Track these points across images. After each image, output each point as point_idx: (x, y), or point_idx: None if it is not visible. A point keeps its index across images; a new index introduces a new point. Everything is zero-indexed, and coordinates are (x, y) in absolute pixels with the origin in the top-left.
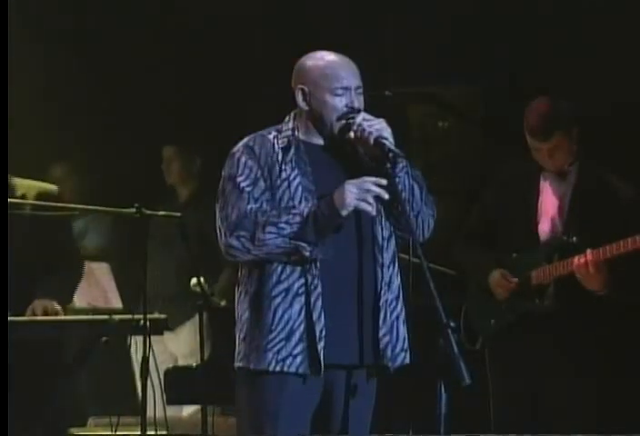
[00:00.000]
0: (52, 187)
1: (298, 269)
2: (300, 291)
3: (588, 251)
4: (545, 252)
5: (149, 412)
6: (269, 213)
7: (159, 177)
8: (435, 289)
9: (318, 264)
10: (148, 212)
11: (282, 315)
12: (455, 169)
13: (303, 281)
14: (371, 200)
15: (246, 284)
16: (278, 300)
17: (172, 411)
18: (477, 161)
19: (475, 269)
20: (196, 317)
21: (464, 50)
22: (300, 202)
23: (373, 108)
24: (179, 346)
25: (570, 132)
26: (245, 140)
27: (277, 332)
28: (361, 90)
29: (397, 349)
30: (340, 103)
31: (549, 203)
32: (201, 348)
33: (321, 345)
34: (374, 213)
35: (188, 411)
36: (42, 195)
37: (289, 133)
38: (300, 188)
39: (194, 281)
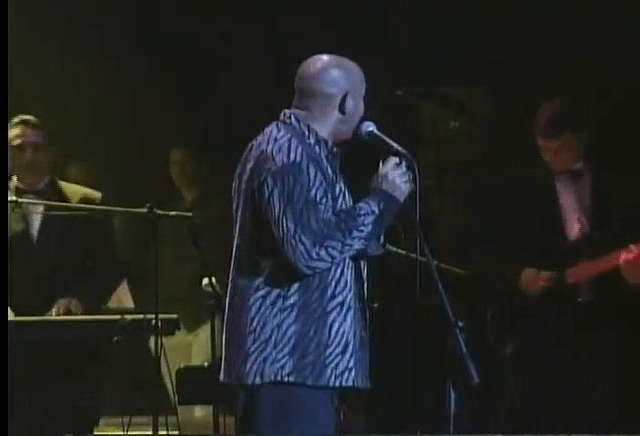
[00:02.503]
0: (96, 194)
1: (349, 282)
2: (351, 304)
3: (632, 245)
4: (576, 250)
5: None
6: (344, 219)
7: (164, 179)
8: (443, 288)
9: (366, 276)
10: (160, 212)
11: (338, 329)
12: (466, 169)
13: (352, 293)
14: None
15: (290, 297)
16: (334, 314)
17: (182, 411)
18: (488, 161)
19: (502, 272)
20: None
21: (476, 50)
22: None
23: (385, 108)
24: (199, 349)
25: (579, 133)
26: (294, 145)
27: (334, 347)
28: None
29: None
30: (363, 108)
31: (570, 204)
32: (212, 348)
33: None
34: None
35: (202, 411)
36: (85, 201)
37: (322, 137)
38: (351, 200)
39: (205, 281)
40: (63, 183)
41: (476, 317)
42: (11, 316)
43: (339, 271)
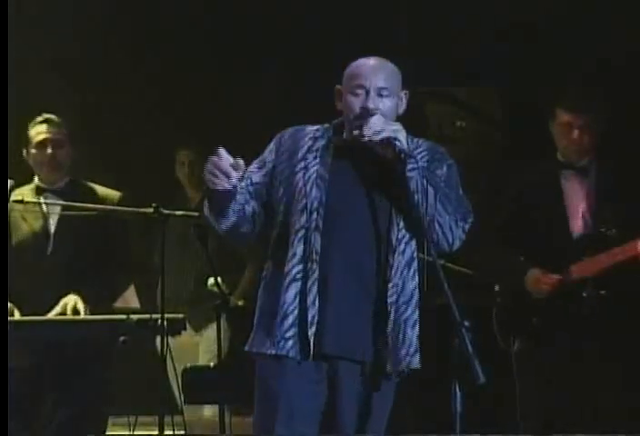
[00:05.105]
0: (115, 194)
1: (299, 254)
2: (297, 276)
3: None
4: (580, 246)
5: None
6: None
7: (170, 179)
8: (449, 288)
9: (318, 249)
10: (166, 211)
11: (283, 300)
12: (472, 169)
13: (301, 266)
14: (221, 176)
15: (263, 275)
16: (284, 286)
17: (191, 411)
18: (494, 161)
19: (507, 270)
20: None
21: (479, 50)
22: (312, 188)
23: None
24: (206, 347)
25: (602, 115)
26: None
27: (278, 317)
28: (387, 92)
29: (402, 353)
30: (356, 103)
31: (575, 200)
32: (218, 347)
33: (312, 331)
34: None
35: (211, 411)
36: (101, 201)
37: (327, 126)
38: (315, 175)
39: (211, 281)
40: (84, 183)
41: (482, 317)
42: (17, 315)
43: (294, 244)
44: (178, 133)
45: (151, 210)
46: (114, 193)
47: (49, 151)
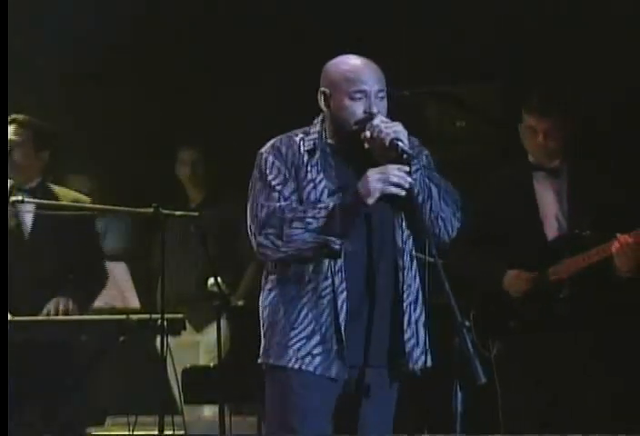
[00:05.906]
0: (85, 198)
1: (324, 270)
2: (324, 292)
3: (620, 235)
4: (556, 249)
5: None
6: (297, 209)
7: (170, 179)
8: (451, 288)
9: (343, 266)
10: (166, 211)
11: (306, 315)
12: (473, 169)
13: (328, 282)
14: (396, 182)
15: (272, 282)
16: (304, 299)
17: (191, 411)
18: (494, 160)
19: (486, 272)
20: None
21: (478, 49)
22: None
23: (390, 108)
24: (206, 347)
25: (568, 118)
26: (273, 140)
27: (299, 331)
28: (383, 94)
29: (418, 352)
30: (358, 108)
31: (548, 202)
32: (218, 347)
33: (346, 348)
34: (402, 193)
35: (210, 411)
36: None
37: (315, 135)
38: (326, 190)
39: (211, 281)
40: (53, 186)
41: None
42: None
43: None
44: (179, 133)
45: (151, 210)
46: (84, 199)
47: (8, 152)
